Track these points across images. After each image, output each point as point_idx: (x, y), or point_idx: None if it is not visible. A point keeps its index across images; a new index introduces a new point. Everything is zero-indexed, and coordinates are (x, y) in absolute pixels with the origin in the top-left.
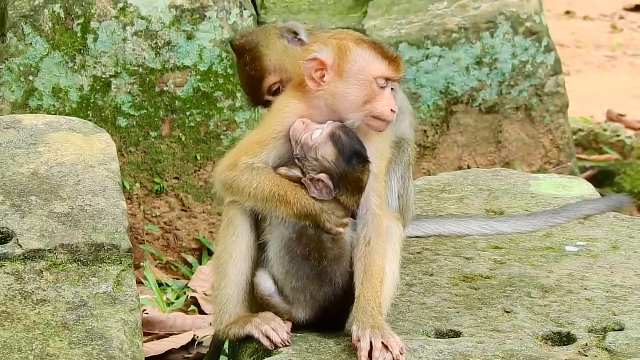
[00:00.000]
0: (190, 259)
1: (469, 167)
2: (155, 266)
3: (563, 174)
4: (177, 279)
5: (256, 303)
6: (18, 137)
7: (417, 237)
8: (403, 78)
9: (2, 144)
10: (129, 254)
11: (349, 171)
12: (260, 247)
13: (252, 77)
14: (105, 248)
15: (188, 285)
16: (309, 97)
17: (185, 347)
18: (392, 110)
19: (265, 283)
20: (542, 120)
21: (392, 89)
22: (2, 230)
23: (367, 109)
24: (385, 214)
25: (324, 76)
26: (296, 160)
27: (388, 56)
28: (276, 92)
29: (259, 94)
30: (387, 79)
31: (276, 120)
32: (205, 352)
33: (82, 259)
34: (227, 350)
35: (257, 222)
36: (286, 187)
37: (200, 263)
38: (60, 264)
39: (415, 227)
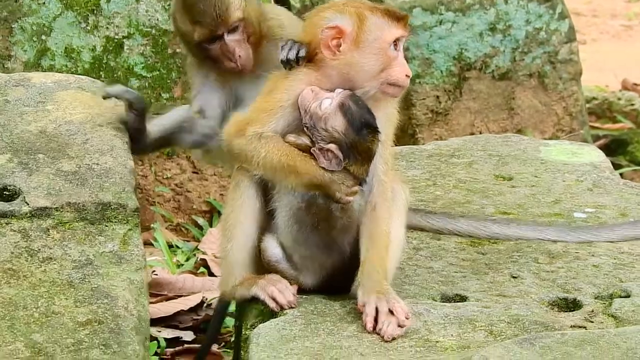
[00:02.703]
0: (200, 221)
1: (481, 134)
2: (166, 228)
3: (575, 142)
4: (188, 241)
5: (263, 267)
6: (27, 95)
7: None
8: (416, 44)
9: (10, 102)
10: (136, 213)
11: (359, 141)
12: (269, 213)
13: (215, 6)
14: (112, 207)
15: (198, 247)
16: (320, 65)
17: (194, 309)
18: (407, 75)
19: (274, 249)
20: (555, 87)
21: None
22: (9, 187)
23: (383, 77)
24: (391, 179)
25: (340, 45)
26: (305, 129)
27: (397, 17)
28: (233, 31)
29: (214, 29)
30: (399, 39)
31: (285, 88)
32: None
33: (88, 217)
34: (233, 312)
35: (266, 186)
36: (295, 156)
37: (210, 225)
38: (67, 222)
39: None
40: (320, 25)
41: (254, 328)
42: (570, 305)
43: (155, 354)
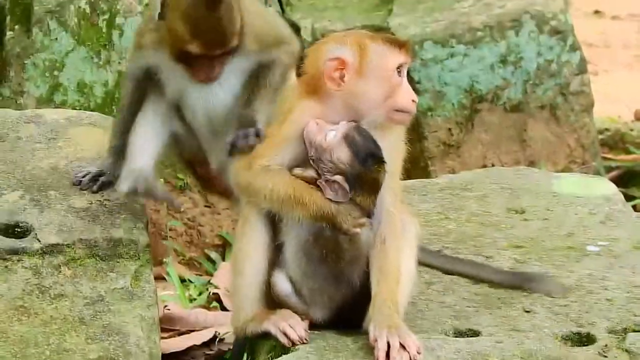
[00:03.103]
0: (213, 255)
1: (493, 166)
2: (179, 262)
3: (587, 174)
4: (200, 275)
5: (274, 301)
6: (38, 131)
7: None
8: (427, 77)
9: (22, 139)
10: (148, 249)
11: (365, 172)
12: (278, 247)
13: (219, 31)
14: (124, 243)
15: (211, 281)
16: (323, 97)
17: (207, 344)
18: (413, 100)
19: (283, 284)
20: (567, 119)
21: None
22: (21, 224)
23: (389, 104)
24: (400, 212)
25: (343, 76)
26: (311, 162)
27: (399, 43)
28: (224, 54)
29: (211, 50)
30: (402, 66)
31: (290, 121)
32: (227, 350)
33: (100, 254)
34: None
35: (274, 222)
36: (302, 188)
37: (223, 259)
38: (79, 258)
39: None
40: (322, 57)
41: None
42: (584, 339)
43: None
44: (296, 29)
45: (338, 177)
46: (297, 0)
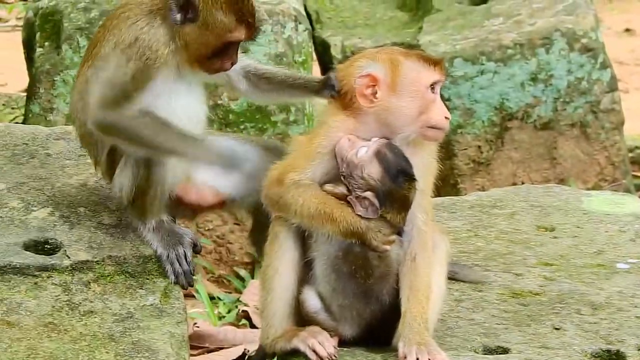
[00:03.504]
0: (242, 272)
1: (523, 184)
2: (208, 280)
3: (618, 192)
4: (229, 292)
5: (303, 318)
6: (68, 148)
7: None
8: (457, 94)
9: (52, 155)
10: None
11: (395, 189)
12: (307, 263)
13: (253, 5)
14: (153, 260)
15: (240, 299)
16: (356, 113)
17: None
18: (446, 117)
19: (312, 300)
20: (598, 137)
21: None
22: (50, 241)
23: (423, 120)
24: (431, 229)
25: (375, 93)
26: (342, 178)
27: (433, 61)
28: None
29: (254, 34)
30: (435, 83)
31: (323, 137)
32: None
33: (129, 270)
34: None
35: (303, 238)
36: (332, 205)
37: (252, 277)
38: (108, 275)
39: None
40: (354, 74)
41: None
42: (614, 357)
43: None
44: (326, 46)
45: (368, 194)
46: (327, 18)
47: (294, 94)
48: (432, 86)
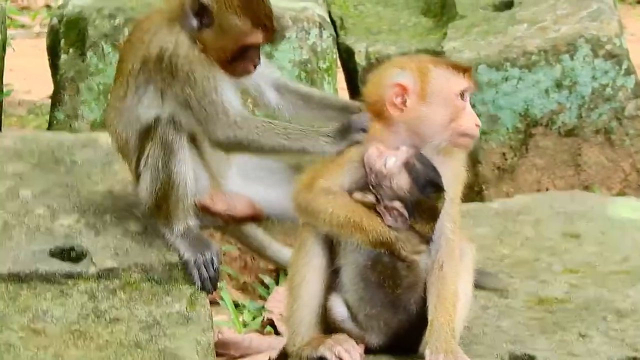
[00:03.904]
0: (267, 279)
1: (547, 190)
2: (232, 287)
3: None
4: (254, 300)
5: (329, 326)
6: (94, 155)
7: None
8: (482, 101)
9: (78, 163)
10: None
11: (424, 200)
12: (333, 271)
13: (270, 8)
14: (179, 268)
15: (265, 306)
16: (386, 121)
17: None
18: (476, 125)
19: (339, 308)
20: (622, 143)
21: None
22: (76, 248)
23: (453, 128)
24: (458, 237)
25: (405, 101)
26: (370, 187)
27: (462, 69)
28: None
29: (271, 37)
30: (465, 91)
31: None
32: None
33: (155, 277)
34: None
35: (331, 246)
36: (362, 214)
37: (277, 284)
38: (134, 282)
39: None
40: (383, 83)
41: None
42: None
43: None
44: (350, 52)
45: (397, 204)
46: (351, 24)
47: (324, 118)
48: (462, 94)
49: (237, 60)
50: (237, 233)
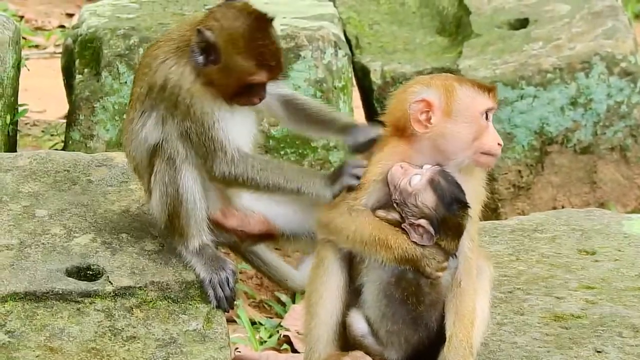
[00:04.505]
0: (283, 297)
1: (563, 208)
2: (249, 305)
3: None
4: (271, 317)
5: (347, 342)
6: (110, 174)
7: None
8: (497, 119)
9: (94, 182)
10: None
11: (449, 217)
12: (352, 287)
13: (277, 49)
14: (196, 286)
15: (281, 324)
16: (410, 139)
17: None
18: (499, 144)
19: (359, 324)
20: (638, 161)
21: None
22: (93, 267)
23: (476, 146)
24: (476, 255)
25: (430, 118)
26: (394, 205)
27: (487, 88)
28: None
29: (276, 76)
30: (489, 110)
31: (377, 163)
32: None
33: (172, 296)
34: None
35: (350, 263)
36: (387, 231)
37: (293, 302)
38: (151, 301)
39: None
40: (408, 100)
41: None
42: None
43: None
44: (366, 71)
45: (423, 221)
46: (366, 43)
47: (327, 133)
48: (486, 113)
49: (242, 95)
50: (248, 255)
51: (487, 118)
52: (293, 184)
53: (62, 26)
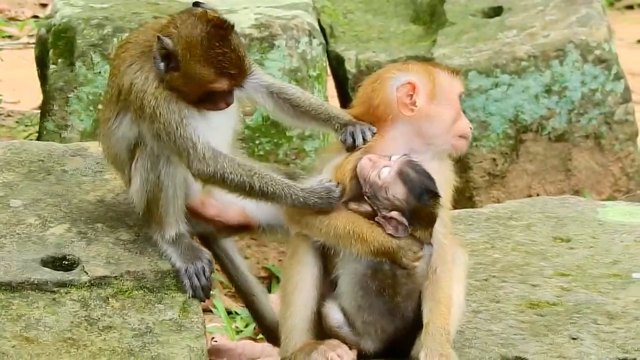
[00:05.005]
0: None
1: (538, 195)
2: (225, 294)
3: (632, 202)
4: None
5: (323, 332)
6: (84, 164)
7: None
8: (472, 107)
9: (68, 172)
10: None
11: (421, 207)
12: (328, 277)
13: (241, 62)
14: (172, 275)
15: None
16: (384, 128)
17: None
18: (470, 127)
19: (335, 314)
20: (612, 148)
21: None
22: (68, 257)
23: (455, 130)
24: (451, 242)
25: (414, 102)
26: (365, 198)
27: (456, 72)
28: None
29: (237, 83)
30: (461, 94)
31: (348, 156)
32: None
33: (148, 285)
34: None
35: (324, 252)
36: (362, 225)
37: (269, 291)
38: (127, 290)
39: None
40: (390, 85)
41: None
42: None
43: None
44: (340, 60)
45: (395, 214)
46: (340, 32)
47: (316, 125)
48: (459, 96)
49: (207, 101)
50: (219, 253)
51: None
52: (268, 188)
53: (35, 16)
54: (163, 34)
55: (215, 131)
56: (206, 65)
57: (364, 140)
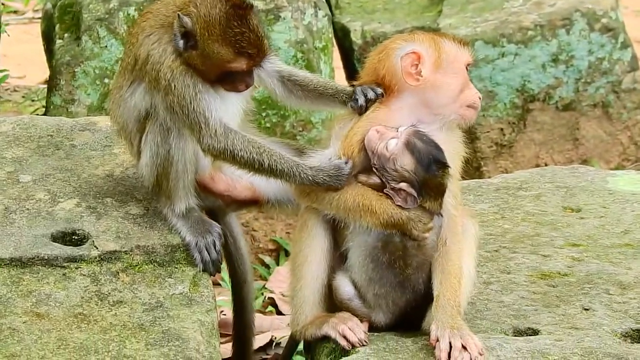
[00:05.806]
0: (267, 260)
1: (546, 165)
2: None
3: None
4: (255, 280)
5: (334, 304)
6: (93, 139)
7: None
8: (479, 77)
9: (77, 147)
10: None
11: (430, 178)
12: (338, 250)
13: (260, 42)
14: (182, 249)
15: (266, 286)
16: (391, 98)
17: (263, 348)
18: (479, 97)
19: (346, 287)
20: (620, 117)
21: None
22: (78, 232)
23: (462, 99)
24: (460, 213)
25: (420, 71)
26: (374, 170)
27: (465, 43)
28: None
29: (256, 63)
30: (469, 65)
31: (356, 129)
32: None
33: (158, 260)
34: (302, 350)
35: (334, 225)
36: (371, 197)
37: (277, 264)
38: (137, 265)
39: None
40: (395, 55)
41: None
42: None
43: None
44: (346, 31)
45: (404, 185)
46: (346, 3)
47: (325, 103)
48: (467, 66)
49: (226, 81)
50: (224, 230)
51: (467, 72)
52: (277, 165)
53: None
54: (183, 12)
55: (228, 108)
56: (224, 44)
57: (367, 98)
